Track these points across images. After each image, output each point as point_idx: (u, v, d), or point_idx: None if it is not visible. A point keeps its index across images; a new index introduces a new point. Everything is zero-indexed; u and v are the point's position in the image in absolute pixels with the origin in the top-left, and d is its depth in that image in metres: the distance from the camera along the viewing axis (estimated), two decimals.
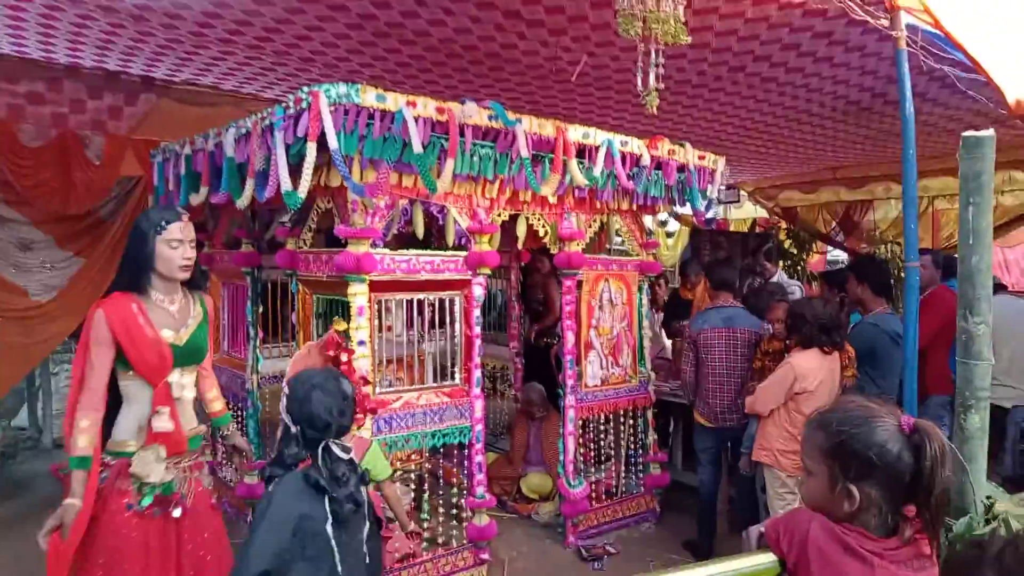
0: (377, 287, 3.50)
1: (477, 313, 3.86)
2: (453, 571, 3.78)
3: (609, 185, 4.21)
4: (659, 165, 4.44)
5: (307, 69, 4.80)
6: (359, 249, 3.35)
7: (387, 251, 3.54)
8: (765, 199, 9.38)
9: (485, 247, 3.82)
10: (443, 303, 3.84)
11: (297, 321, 3.90)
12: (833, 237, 9.05)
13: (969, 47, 3.01)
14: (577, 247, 4.30)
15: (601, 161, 3.99)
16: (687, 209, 5.15)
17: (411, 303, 3.75)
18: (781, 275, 6.94)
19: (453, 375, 3.90)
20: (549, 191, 3.87)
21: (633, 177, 4.24)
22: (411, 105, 3.23)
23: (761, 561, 1.52)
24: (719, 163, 4.83)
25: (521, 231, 4.26)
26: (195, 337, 2.71)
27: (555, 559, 4.23)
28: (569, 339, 4.34)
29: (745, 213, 11.40)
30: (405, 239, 4.86)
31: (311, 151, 2.97)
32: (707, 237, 9.16)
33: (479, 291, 3.85)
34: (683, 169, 4.57)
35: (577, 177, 3.87)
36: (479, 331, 3.88)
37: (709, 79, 4.70)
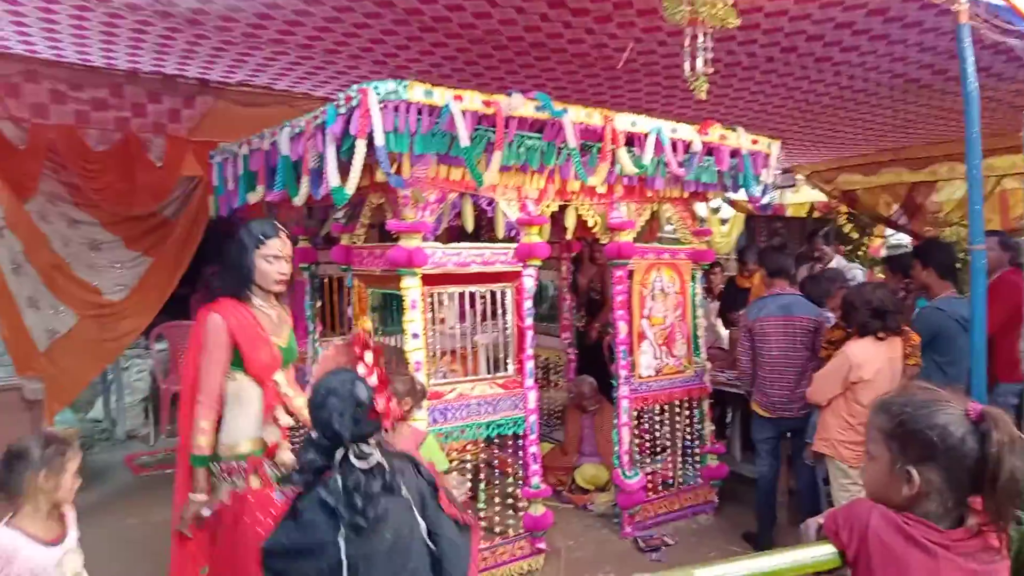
0: (429, 280, 3.54)
1: (528, 304, 3.86)
2: (511, 560, 3.82)
3: (659, 173, 4.15)
4: (711, 151, 4.36)
5: (356, 67, 4.87)
6: (411, 243, 3.40)
7: (438, 245, 3.58)
8: (823, 182, 9.12)
9: (535, 238, 3.82)
10: (494, 295, 3.86)
11: (353, 315, 3.97)
12: (895, 220, 8.73)
13: None
14: (627, 237, 4.26)
15: (650, 149, 3.94)
16: (741, 195, 5.04)
17: (463, 296, 3.79)
18: (840, 260, 6.75)
19: (506, 366, 3.92)
20: (597, 181, 3.84)
21: (684, 164, 4.18)
22: (458, 99, 3.25)
23: (821, 552, 1.49)
24: (773, 147, 4.72)
25: (570, 222, 4.25)
26: (291, 340, 2.86)
27: (612, 549, 4.22)
28: (621, 329, 4.31)
29: (803, 197, 11.10)
30: (455, 232, 4.90)
31: (360, 148, 3.02)
32: (763, 223, 8.98)
33: (530, 282, 3.85)
34: (736, 154, 4.48)
35: (626, 166, 3.83)
36: (531, 322, 3.89)
37: (760, 61, 4.59)
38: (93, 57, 4.70)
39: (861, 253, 9.21)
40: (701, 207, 6.80)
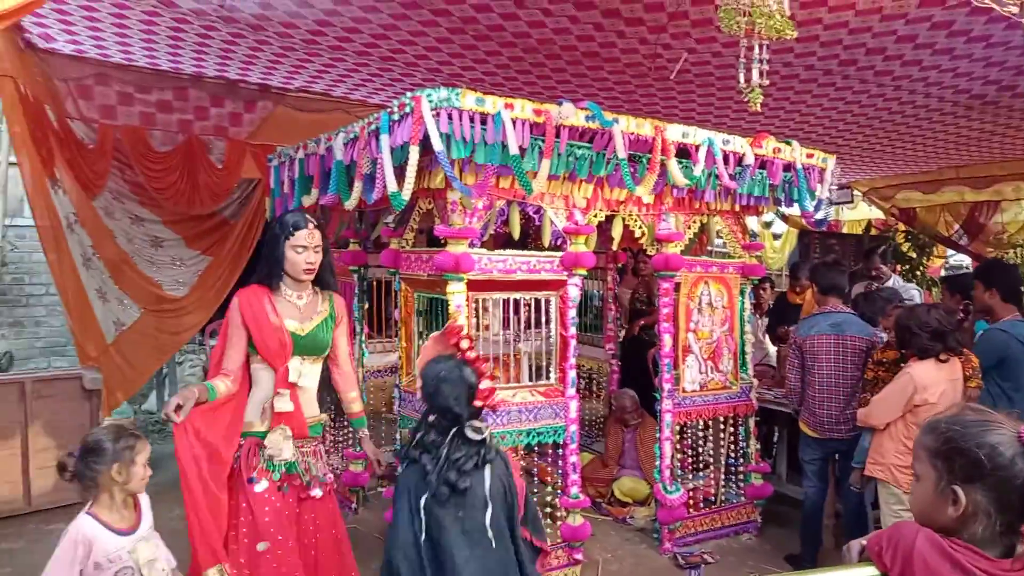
0: (475, 286, 3.57)
1: (572, 313, 3.86)
2: (547, 570, 3.80)
3: (710, 185, 4.11)
4: (763, 164, 4.29)
5: (411, 74, 4.96)
6: (458, 249, 3.43)
7: (484, 251, 3.60)
8: (881, 199, 8.88)
9: (581, 248, 3.81)
10: (539, 303, 3.86)
11: (399, 318, 4.03)
12: (956, 240, 8.46)
13: None
14: (675, 249, 4.22)
15: (702, 161, 3.90)
16: (795, 210, 4.95)
17: (507, 302, 3.80)
18: (897, 280, 6.56)
19: (548, 375, 3.92)
20: (644, 191, 3.82)
21: (736, 177, 4.13)
22: (509, 107, 3.27)
23: (862, 574, 1.45)
24: (829, 162, 4.62)
25: (617, 232, 4.23)
26: (317, 330, 2.90)
27: (651, 564, 4.17)
28: (666, 342, 4.26)
29: (859, 214, 10.84)
30: (502, 239, 4.93)
31: (414, 154, 3.07)
32: (818, 239, 8.79)
33: (575, 292, 3.85)
34: (790, 168, 4.40)
35: (677, 177, 3.80)
36: (575, 332, 3.88)
37: (818, 74, 4.52)
38: (160, 61, 4.89)
39: (919, 273, 8.92)
40: (752, 221, 6.70)
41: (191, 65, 4.97)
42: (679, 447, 4.46)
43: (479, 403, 2.32)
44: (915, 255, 9.02)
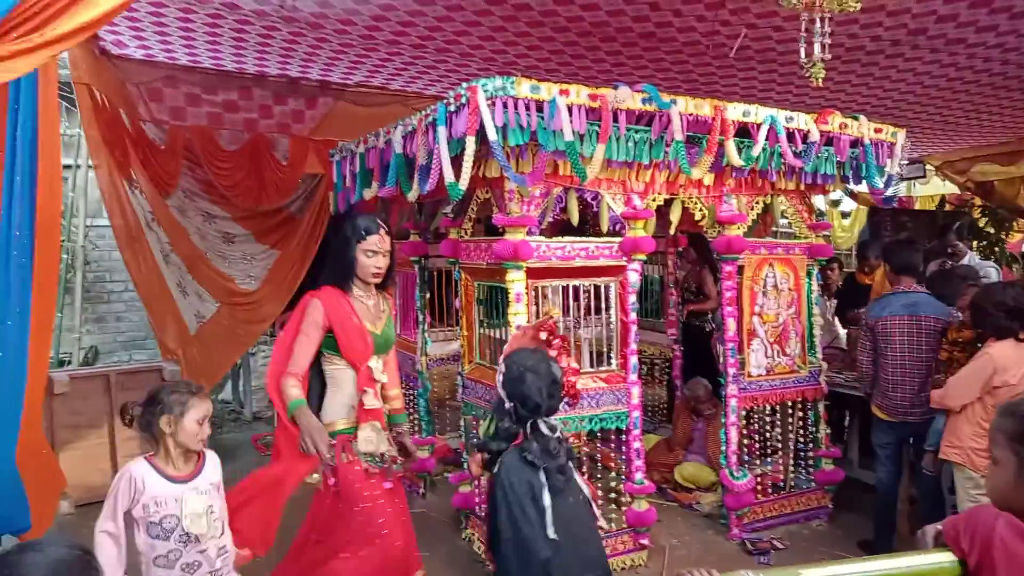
0: (534, 274, 3.58)
1: (633, 299, 3.83)
2: (613, 554, 3.80)
3: (773, 164, 4.01)
4: (830, 141, 4.16)
5: (467, 64, 4.99)
6: (516, 237, 3.45)
7: (543, 238, 3.61)
8: (955, 173, 8.48)
9: (640, 232, 3.78)
10: (598, 289, 3.85)
11: (460, 307, 4.08)
12: None
13: None
14: (738, 230, 4.14)
15: (762, 140, 3.81)
16: (864, 187, 4.78)
17: (567, 289, 3.80)
18: (973, 257, 6.28)
19: (610, 361, 3.91)
20: (700, 173, 3.75)
21: (801, 155, 4.01)
22: (564, 94, 3.26)
23: (940, 560, 1.42)
24: (899, 136, 4.45)
25: (676, 215, 4.17)
26: (387, 328, 3.01)
27: (719, 550, 4.13)
28: (730, 326, 4.19)
29: (933, 189, 10.39)
30: (560, 226, 4.92)
31: (470, 144, 3.10)
32: (888, 217, 8.48)
33: (634, 277, 3.82)
34: (857, 144, 4.25)
35: (732, 158, 3.72)
36: (635, 317, 3.86)
37: (885, 44, 4.34)
38: (225, 62, 5.05)
39: (998, 249, 8.50)
40: (819, 200, 6.50)
41: (254, 65, 5.11)
42: (746, 432, 4.39)
43: (560, 398, 2.36)
44: (993, 230, 8.59)
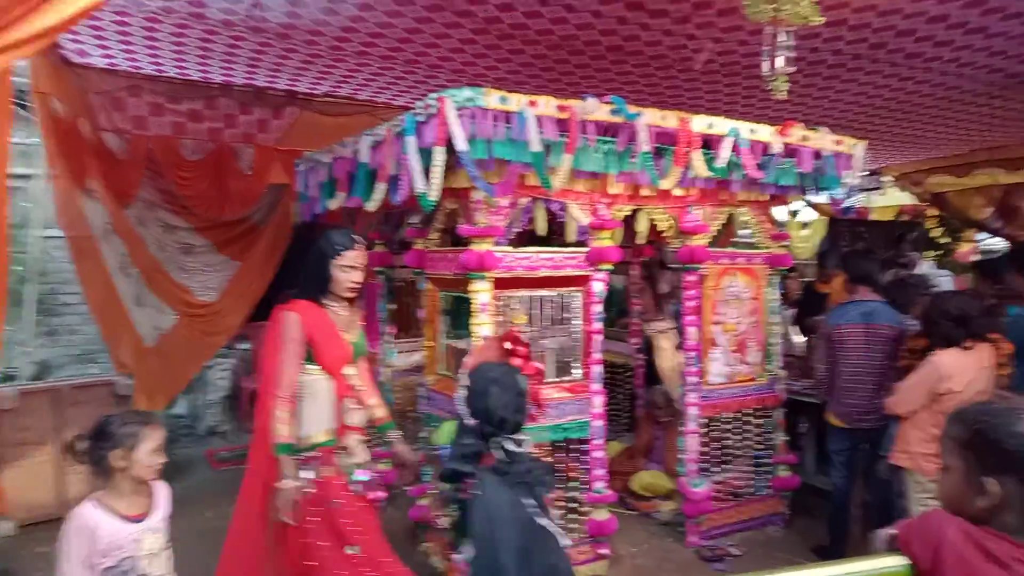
0: (500, 284, 3.60)
1: (598, 309, 3.87)
2: (573, 564, 3.80)
3: (736, 175, 4.09)
4: (791, 152, 4.26)
5: (435, 75, 5.00)
6: (482, 247, 3.47)
7: (509, 249, 3.63)
8: (912, 185, 8.71)
9: (606, 242, 3.82)
10: (564, 299, 3.88)
11: (425, 317, 4.07)
12: (989, 224, 8.28)
13: None
14: (701, 241, 4.21)
15: (726, 152, 3.89)
16: (823, 198, 4.90)
17: (532, 299, 3.83)
18: (928, 266, 6.45)
19: (574, 370, 3.94)
20: (670, 184, 3.82)
21: (763, 166, 4.10)
22: (532, 105, 3.29)
23: (890, 564, 1.46)
24: (858, 148, 4.57)
25: (642, 226, 4.23)
26: (360, 338, 3.04)
27: (676, 558, 4.18)
28: (691, 335, 4.26)
29: (890, 200, 10.62)
30: (527, 236, 4.95)
31: (439, 155, 3.11)
32: (846, 227, 8.65)
33: (599, 287, 3.86)
34: (818, 155, 4.36)
35: (699, 169, 3.80)
36: (600, 327, 3.89)
37: (847, 58, 4.45)
38: (190, 71, 4.99)
39: (950, 259, 8.75)
40: (780, 211, 6.63)
41: (220, 74, 5.06)
42: (705, 440, 4.45)
43: (527, 411, 2.25)
44: (947, 241, 8.84)
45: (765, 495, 4.69)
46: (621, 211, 3.98)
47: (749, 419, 4.64)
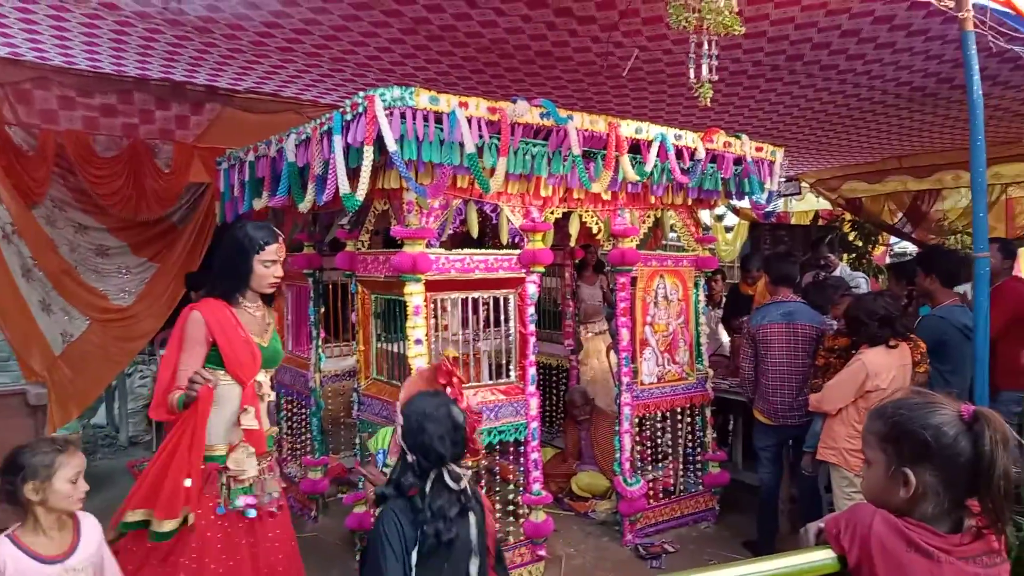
0: (433, 286, 3.56)
1: (531, 311, 3.88)
2: (510, 567, 3.81)
3: (663, 180, 4.17)
4: (715, 158, 4.37)
5: (363, 74, 4.91)
6: (415, 249, 3.42)
7: (442, 251, 3.60)
8: (828, 190, 9.13)
9: (538, 245, 3.83)
10: (498, 301, 3.87)
11: (357, 321, 3.99)
12: (900, 228, 8.74)
13: None
14: (631, 243, 4.28)
15: (653, 156, 3.96)
16: (746, 203, 5.05)
17: (466, 302, 3.80)
18: (844, 268, 6.75)
19: (508, 373, 3.93)
20: (601, 187, 3.86)
21: (688, 171, 4.19)
22: (463, 106, 3.27)
23: (820, 557, 1.49)
24: (777, 155, 4.73)
25: (574, 228, 4.27)
26: (274, 341, 2.86)
27: (613, 557, 4.22)
28: (624, 336, 4.32)
29: (807, 205, 11.11)
30: (460, 238, 4.92)
31: (368, 155, 3.05)
32: (767, 231, 8.98)
33: (533, 289, 3.87)
34: (740, 162, 4.50)
35: (628, 173, 3.85)
36: (534, 329, 3.90)
37: (766, 69, 4.61)
38: (103, 64, 4.75)
39: (865, 261, 9.20)
40: (705, 214, 6.81)
41: (135, 68, 4.84)
42: (639, 439, 4.52)
43: (464, 444, 2.16)
44: (861, 244, 9.29)
45: (697, 492, 4.79)
46: (553, 213, 4.00)
47: (680, 417, 4.73)
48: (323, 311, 4.81)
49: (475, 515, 2.14)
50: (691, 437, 4.81)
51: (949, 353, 3.76)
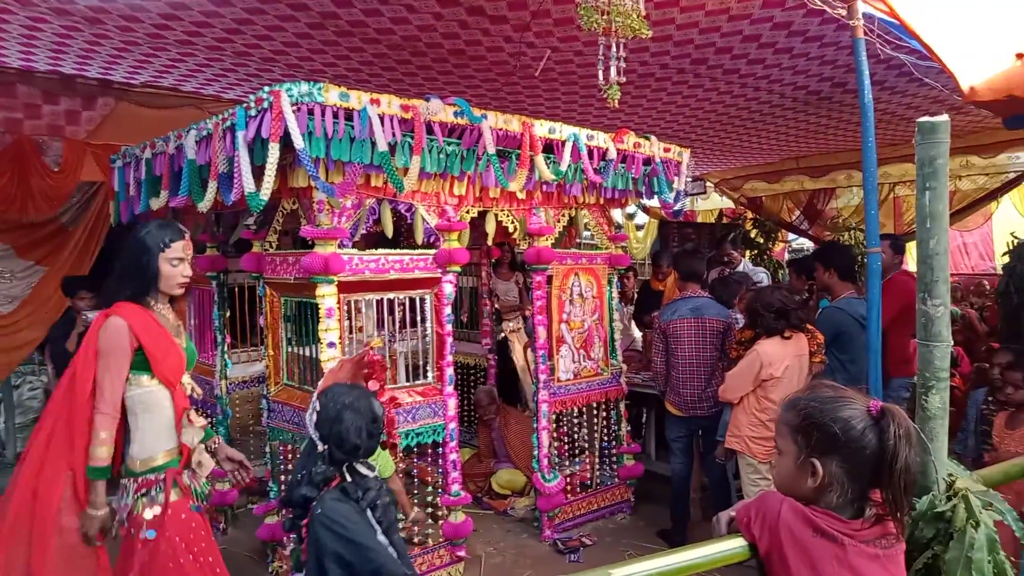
0: (346, 288, 3.48)
1: (448, 311, 3.85)
2: (430, 570, 3.78)
3: (577, 179, 4.23)
4: (625, 158, 4.46)
5: (269, 69, 4.75)
6: (326, 250, 3.33)
7: (355, 251, 3.52)
8: (731, 190, 9.49)
9: (454, 244, 3.81)
10: (414, 302, 3.82)
11: (265, 325, 3.86)
12: (797, 225, 9.19)
13: (924, 35, 3.07)
14: (546, 242, 4.31)
15: (567, 156, 4.00)
16: (655, 202, 5.18)
17: (381, 303, 3.74)
18: (747, 264, 7.03)
19: (426, 374, 3.89)
20: (516, 187, 3.87)
21: (600, 171, 4.26)
22: (375, 103, 3.21)
23: (731, 546, 1.54)
24: (684, 155, 4.87)
25: (490, 228, 4.26)
26: (189, 343, 2.79)
27: (532, 553, 4.25)
28: (540, 334, 4.35)
29: (712, 204, 11.52)
30: (374, 238, 4.83)
31: (274, 152, 2.94)
32: (676, 229, 9.25)
33: (449, 289, 3.84)
34: (649, 162, 4.60)
35: (544, 172, 3.88)
36: (451, 329, 3.87)
37: (672, 72, 4.74)
38: None
39: (766, 257, 9.61)
40: (617, 213, 6.95)
41: (18, 59, 4.50)
42: (556, 435, 4.57)
43: (381, 436, 2.20)
44: (762, 240, 9.70)
45: (613, 484, 4.88)
46: (469, 213, 3.98)
47: (596, 412, 4.81)
48: (228, 315, 4.62)
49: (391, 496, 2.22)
50: (607, 431, 4.90)
51: (847, 342, 3.97)
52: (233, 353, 4.74)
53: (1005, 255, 5.73)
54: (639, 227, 12.35)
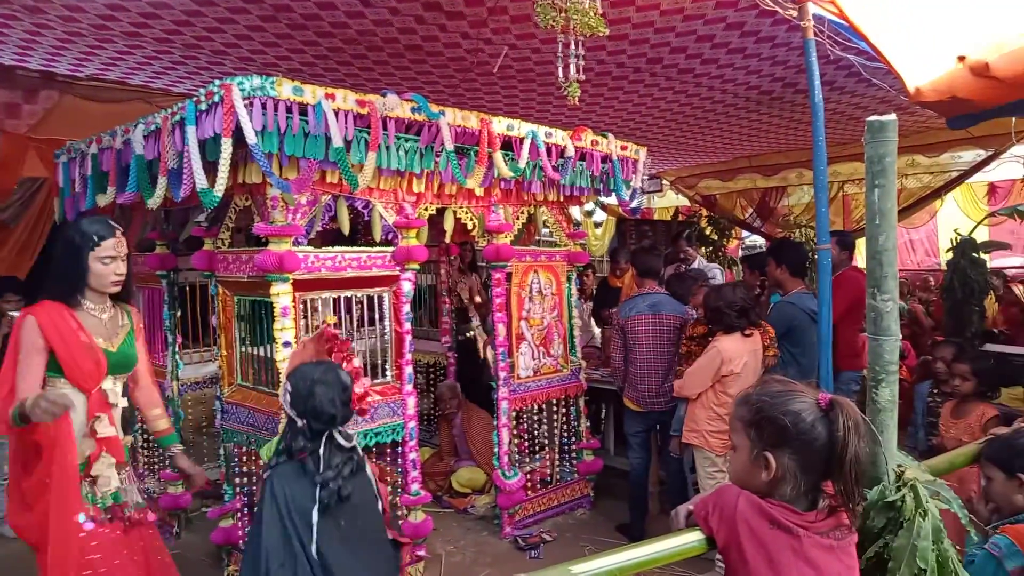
0: (302, 286, 3.42)
1: (407, 309, 3.81)
2: None
3: (535, 176, 4.23)
4: (583, 156, 4.48)
5: (220, 63, 4.64)
6: (281, 247, 3.27)
7: (311, 249, 3.46)
8: (686, 188, 9.63)
9: (413, 242, 3.77)
10: (372, 300, 3.78)
11: (218, 325, 3.77)
12: (750, 223, 9.36)
13: (872, 36, 3.15)
14: (505, 239, 4.31)
15: (526, 153, 4.00)
16: (613, 199, 5.22)
17: (338, 301, 3.68)
18: (701, 260, 7.14)
19: (384, 372, 3.85)
20: (475, 184, 3.85)
21: (559, 168, 4.27)
22: (330, 98, 3.15)
23: (690, 540, 1.56)
24: (641, 153, 4.92)
25: (449, 225, 4.23)
26: (124, 346, 2.69)
27: (492, 551, 4.25)
28: (500, 331, 4.35)
29: (668, 202, 11.67)
30: (330, 236, 4.76)
31: (226, 147, 2.87)
32: (633, 226, 9.34)
33: (408, 287, 3.80)
34: (607, 159, 4.63)
35: (502, 169, 3.87)
36: (410, 327, 3.84)
37: (628, 71, 4.78)
38: None
39: (721, 254, 9.78)
40: (576, 211, 6.97)
41: None
42: (516, 432, 4.57)
43: (354, 407, 2.34)
44: (716, 237, 9.86)
45: (572, 480, 4.91)
46: (427, 210, 3.95)
47: (555, 409, 4.83)
48: (179, 315, 4.51)
49: (368, 473, 2.36)
50: (566, 427, 4.92)
51: (799, 336, 4.06)
52: (185, 354, 4.63)
53: (949, 251, 5.91)
54: (597, 224, 12.45)
